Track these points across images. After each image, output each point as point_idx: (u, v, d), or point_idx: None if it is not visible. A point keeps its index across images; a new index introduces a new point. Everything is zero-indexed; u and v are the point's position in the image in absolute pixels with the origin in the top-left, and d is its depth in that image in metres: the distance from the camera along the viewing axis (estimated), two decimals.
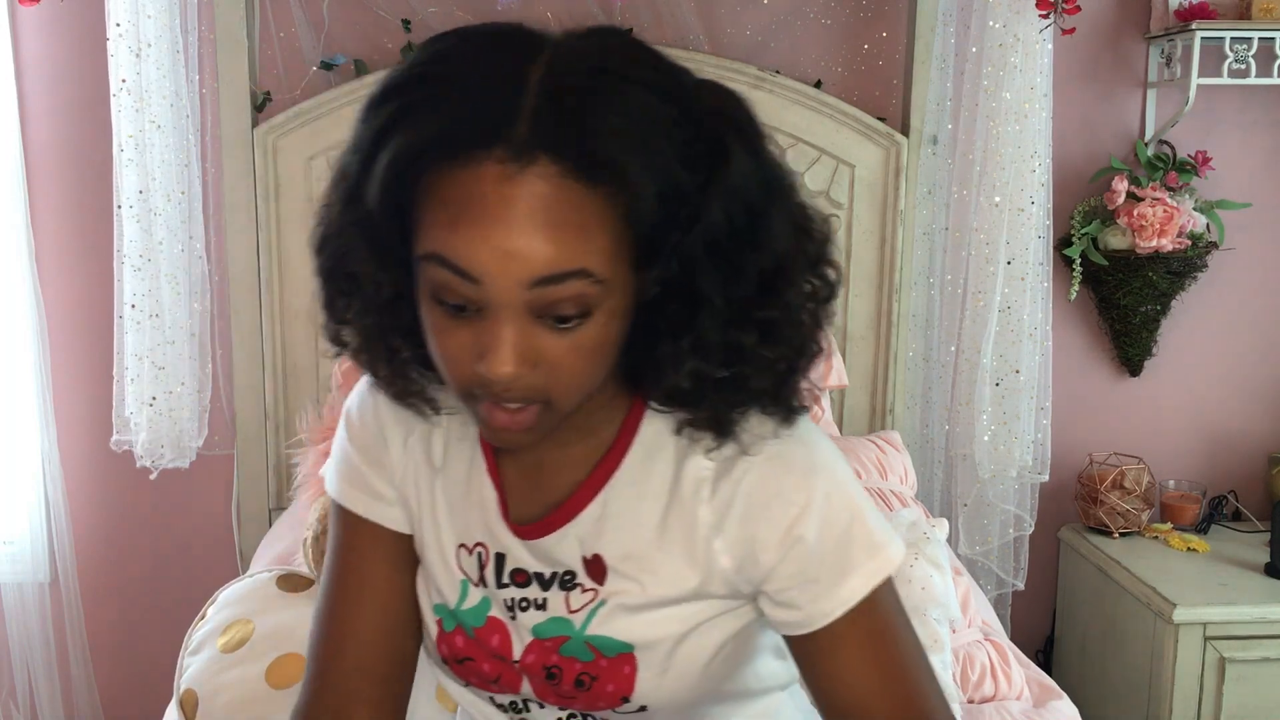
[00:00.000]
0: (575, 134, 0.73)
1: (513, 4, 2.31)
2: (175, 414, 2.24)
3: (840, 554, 0.88)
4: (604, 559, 0.91)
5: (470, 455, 0.95)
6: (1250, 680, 2.18)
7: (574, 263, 0.74)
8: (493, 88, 0.74)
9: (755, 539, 0.88)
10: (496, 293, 0.75)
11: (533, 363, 0.77)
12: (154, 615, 2.53)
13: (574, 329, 0.77)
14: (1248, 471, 2.66)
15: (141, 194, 2.17)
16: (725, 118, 0.79)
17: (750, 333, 0.81)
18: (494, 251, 0.73)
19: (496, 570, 0.94)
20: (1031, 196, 2.24)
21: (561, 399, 0.80)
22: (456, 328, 0.78)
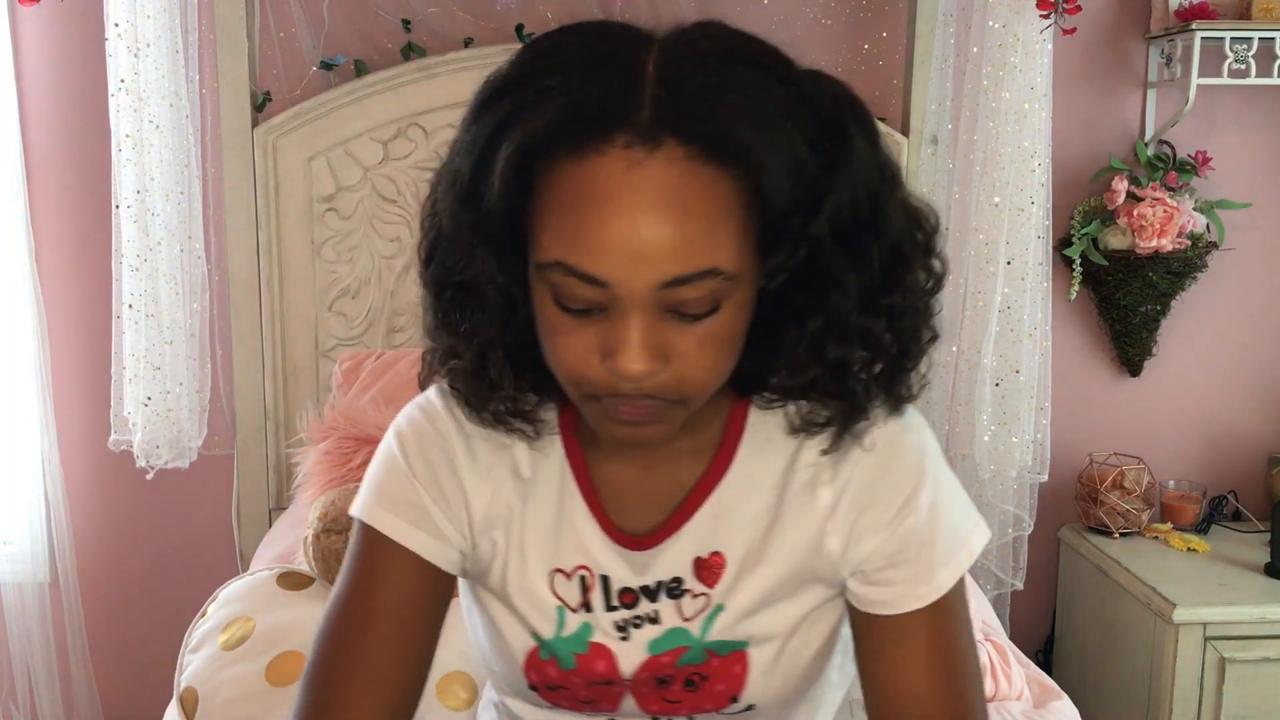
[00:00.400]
0: (701, 114, 0.71)
1: (512, 4, 2.31)
2: (174, 414, 2.24)
3: (942, 540, 0.89)
4: (724, 555, 0.90)
5: (559, 477, 0.92)
6: (1250, 680, 2.18)
7: (704, 262, 0.72)
8: (610, 75, 0.72)
9: (866, 520, 0.89)
10: (625, 293, 0.73)
11: (663, 358, 0.75)
12: (154, 615, 2.53)
13: (703, 321, 0.75)
14: (1248, 471, 2.66)
15: (140, 194, 2.17)
16: (841, 102, 0.77)
17: (879, 318, 0.81)
18: (622, 253, 0.71)
19: (604, 593, 0.91)
20: (1031, 196, 2.24)
21: (692, 394, 0.79)
22: (579, 328, 0.76)
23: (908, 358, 0.85)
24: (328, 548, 1.70)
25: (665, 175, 0.71)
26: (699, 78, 0.72)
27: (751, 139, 0.71)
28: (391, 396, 2.12)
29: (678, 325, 0.75)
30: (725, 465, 0.90)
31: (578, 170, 0.72)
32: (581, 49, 0.74)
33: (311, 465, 2.06)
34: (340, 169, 2.31)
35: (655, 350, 0.75)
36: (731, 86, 0.72)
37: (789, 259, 0.76)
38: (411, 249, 2.32)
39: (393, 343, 2.36)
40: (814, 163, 0.74)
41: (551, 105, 0.72)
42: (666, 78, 0.72)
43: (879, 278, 0.80)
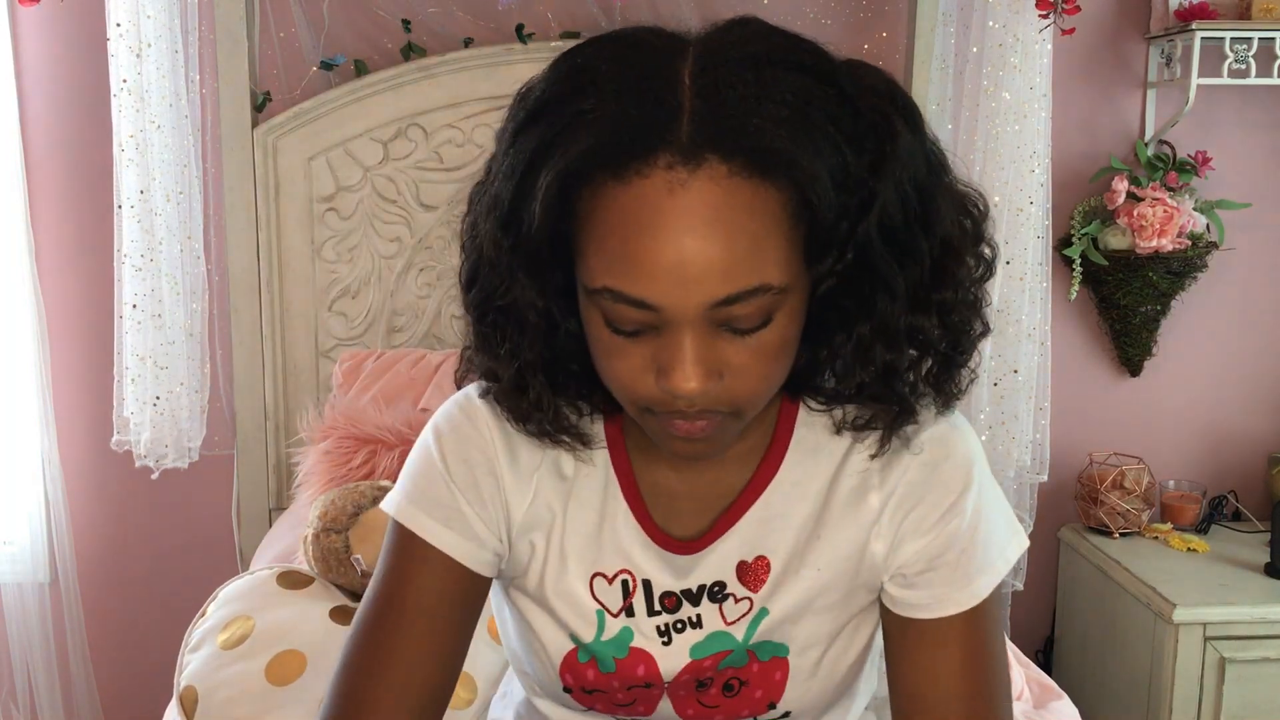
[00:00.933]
0: (741, 128, 0.69)
1: (512, 4, 2.32)
2: (175, 414, 2.24)
3: (982, 547, 0.88)
4: (769, 559, 0.90)
5: (603, 480, 0.91)
6: (1250, 680, 2.18)
7: (752, 279, 0.71)
8: (648, 91, 0.71)
9: (910, 522, 0.88)
10: (676, 315, 0.72)
11: (717, 374, 0.75)
12: (154, 615, 2.53)
13: (756, 335, 0.75)
14: (1248, 471, 2.66)
15: (143, 194, 2.17)
16: (883, 95, 0.76)
17: (930, 315, 0.79)
18: (669, 277, 0.70)
19: (646, 598, 0.91)
20: (1031, 197, 2.24)
21: (747, 405, 0.78)
22: (632, 348, 0.75)
23: (958, 353, 0.84)
24: (327, 547, 1.70)
25: (709, 195, 0.69)
26: (737, 88, 0.70)
27: (794, 149, 0.70)
28: (392, 396, 2.12)
29: (730, 339, 0.74)
30: (773, 470, 0.90)
31: (621, 193, 0.71)
32: (616, 63, 0.73)
33: (311, 465, 2.06)
34: (340, 169, 2.31)
35: (708, 367, 0.74)
36: (770, 94, 0.70)
37: (837, 263, 0.75)
38: (411, 248, 2.33)
39: (393, 343, 2.36)
40: (859, 164, 0.73)
41: (590, 128, 0.71)
42: (703, 89, 0.71)
43: (929, 274, 0.78)
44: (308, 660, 1.54)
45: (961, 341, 0.83)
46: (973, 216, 0.82)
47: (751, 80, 0.71)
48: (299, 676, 1.52)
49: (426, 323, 2.37)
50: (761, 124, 0.69)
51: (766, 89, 0.70)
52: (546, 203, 0.73)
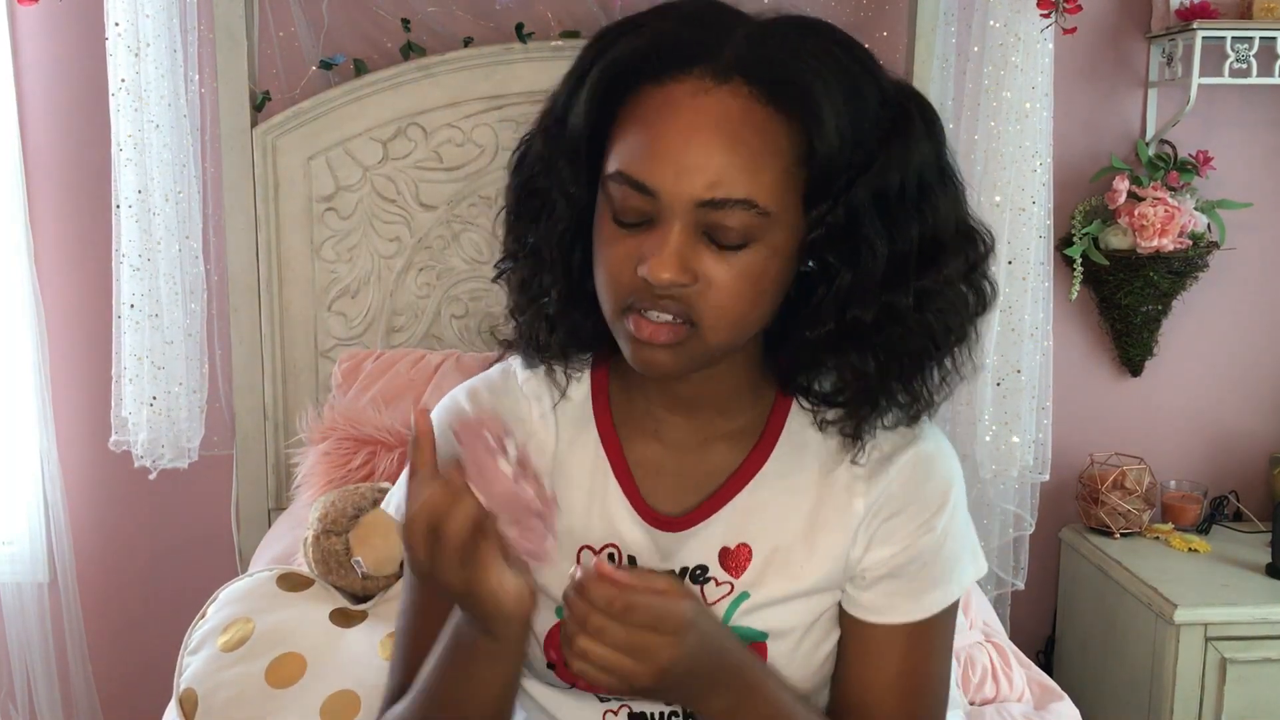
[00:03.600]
0: (772, 61, 0.79)
1: (512, 3, 2.31)
2: (173, 414, 2.24)
3: (942, 567, 0.92)
4: (751, 548, 0.93)
5: (593, 457, 0.95)
6: (1251, 681, 2.18)
7: (742, 190, 0.78)
8: (706, 21, 0.81)
9: (885, 530, 0.92)
10: (668, 204, 0.79)
11: (691, 275, 0.80)
12: (153, 615, 2.53)
13: (736, 253, 0.80)
14: (1249, 472, 2.66)
15: (141, 194, 2.16)
16: (910, 96, 0.85)
17: (906, 295, 0.84)
18: (670, 165, 0.79)
19: None
20: (1032, 196, 2.23)
21: (711, 323, 0.82)
22: (626, 238, 0.82)
23: (929, 353, 0.88)
24: (327, 549, 1.70)
25: (726, 106, 0.79)
26: (784, 38, 0.81)
27: (812, 90, 0.78)
28: (391, 397, 2.12)
29: (712, 251, 0.80)
30: (762, 459, 0.93)
31: (654, 94, 0.80)
32: (696, 7, 0.83)
33: (311, 466, 2.06)
34: (340, 169, 2.30)
35: (684, 262, 0.80)
36: (808, 49, 0.80)
37: (829, 213, 0.81)
38: (411, 248, 2.33)
39: (392, 343, 2.36)
40: (870, 132, 0.80)
41: (643, 37, 0.81)
42: (754, 31, 0.81)
43: (914, 259, 0.83)
44: (308, 663, 1.53)
45: (935, 341, 0.87)
46: (975, 245, 0.88)
47: (796, 37, 0.81)
48: (299, 679, 1.52)
49: (426, 323, 2.36)
50: (791, 64, 0.79)
51: (807, 46, 0.80)
52: (590, 94, 0.82)
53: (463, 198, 2.32)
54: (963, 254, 0.87)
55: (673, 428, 0.94)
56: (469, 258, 2.33)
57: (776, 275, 0.83)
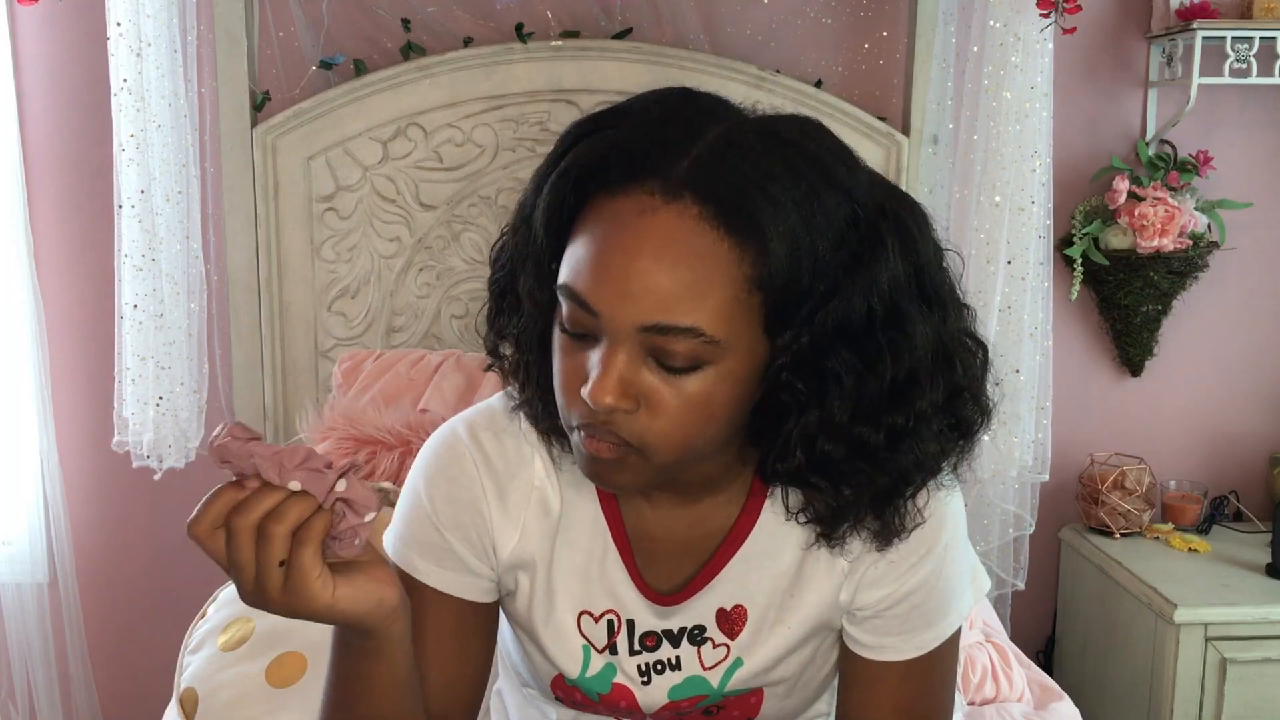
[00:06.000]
0: (724, 182, 0.74)
1: (512, 3, 2.31)
2: (174, 414, 2.24)
3: (936, 605, 0.92)
4: (746, 609, 0.93)
5: (593, 523, 0.93)
6: (1252, 681, 2.18)
7: (686, 318, 0.74)
8: (669, 132, 0.77)
9: (873, 574, 0.92)
10: (611, 327, 0.76)
11: (634, 399, 0.77)
12: (153, 615, 2.53)
13: (683, 378, 0.77)
14: (1249, 472, 2.66)
15: (143, 194, 2.16)
16: (891, 217, 0.79)
17: (876, 432, 0.80)
18: (612, 289, 0.75)
19: (629, 637, 0.94)
20: (1032, 196, 2.23)
21: (658, 448, 0.79)
22: (576, 351, 0.79)
23: (902, 484, 0.84)
24: None
25: (671, 227, 0.74)
26: (744, 155, 0.75)
27: (761, 213, 0.73)
28: (391, 397, 2.12)
29: (659, 374, 0.77)
30: (751, 521, 0.92)
31: (606, 206, 0.76)
32: (661, 104, 0.79)
33: None
34: (339, 169, 2.30)
35: (626, 387, 0.76)
36: (769, 169, 0.75)
37: (791, 343, 0.77)
38: (411, 248, 2.33)
39: (392, 343, 2.36)
40: (835, 256, 0.75)
41: (605, 145, 0.77)
42: (716, 146, 0.75)
43: (886, 392, 0.79)
44: (308, 662, 1.53)
45: (906, 477, 0.83)
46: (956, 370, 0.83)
47: (761, 153, 0.76)
48: (299, 678, 1.52)
49: (426, 323, 2.36)
50: (744, 186, 0.74)
51: (770, 164, 0.75)
52: (549, 201, 0.78)
53: (463, 198, 2.32)
54: (941, 383, 0.82)
55: (662, 498, 0.93)
56: (469, 258, 2.33)
57: (730, 399, 0.79)
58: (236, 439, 0.74)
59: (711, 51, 2.37)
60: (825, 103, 2.31)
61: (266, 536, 0.73)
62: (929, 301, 0.80)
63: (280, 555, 0.73)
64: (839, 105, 2.32)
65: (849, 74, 2.45)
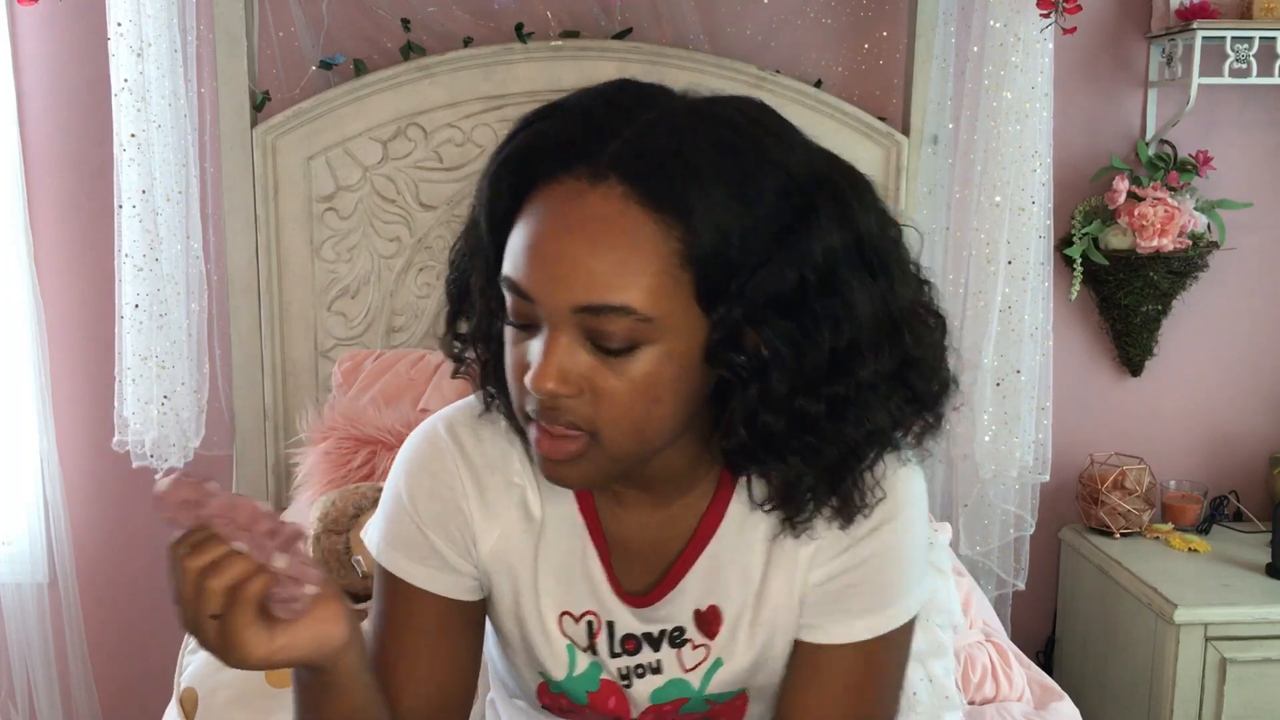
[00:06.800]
0: (650, 162, 0.75)
1: (511, 3, 2.31)
2: (176, 414, 2.24)
3: (887, 583, 0.89)
4: (720, 610, 0.92)
5: (572, 523, 0.93)
6: (1251, 681, 2.18)
7: (616, 296, 0.75)
8: (600, 118, 0.77)
9: (831, 552, 0.90)
10: (547, 312, 0.76)
11: (577, 385, 0.77)
12: (153, 615, 2.53)
13: (623, 360, 0.77)
14: (1249, 472, 2.66)
15: (145, 194, 2.16)
16: (828, 187, 0.78)
17: (817, 402, 0.79)
18: (544, 273, 0.76)
19: (609, 639, 0.93)
20: (1032, 196, 2.23)
21: (609, 433, 0.78)
22: (521, 341, 0.79)
23: (853, 458, 0.83)
24: (328, 549, 1.70)
25: (598, 208, 0.75)
26: (675, 136, 0.76)
27: (686, 190, 0.74)
28: (391, 397, 2.12)
29: (600, 357, 0.77)
30: (716, 521, 0.91)
31: (541, 195, 0.77)
32: (597, 96, 0.79)
33: (311, 466, 2.06)
34: (339, 169, 2.30)
35: (566, 372, 0.77)
36: (695, 144, 0.75)
37: (725, 317, 0.77)
38: (411, 248, 2.33)
39: (392, 343, 2.36)
40: (766, 232, 0.75)
41: (537, 135, 0.78)
42: (644, 128, 0.76)
43: (826, 362, 0.78)
44: None
45: (855, 450, 0.82)
46: (908, 339, 0.81)
47: (687, 130, 0.76)
48: None
49: (426, 323, 2.36)
50: (668, 163, 0.75)
51: (695, 141, 0.76)
52: (488, 194, 0.80)
53: (463, 198, 2.32)
54: (887, 352, 0.80)
55: (633, 498, 0.92)
56: None
57: (675, 380, 0.78)
58: (184, 490, 0.74)
59: (711, 51, 2.37)
60: (825, 103, 2.32)
61: (201, 590, 0.73)
62: (872, 271, 0.79)
63: (213, 609, 0.73)
64: (839, 105, 2.32)
65: (849, 74, 2.45)
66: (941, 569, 1.73)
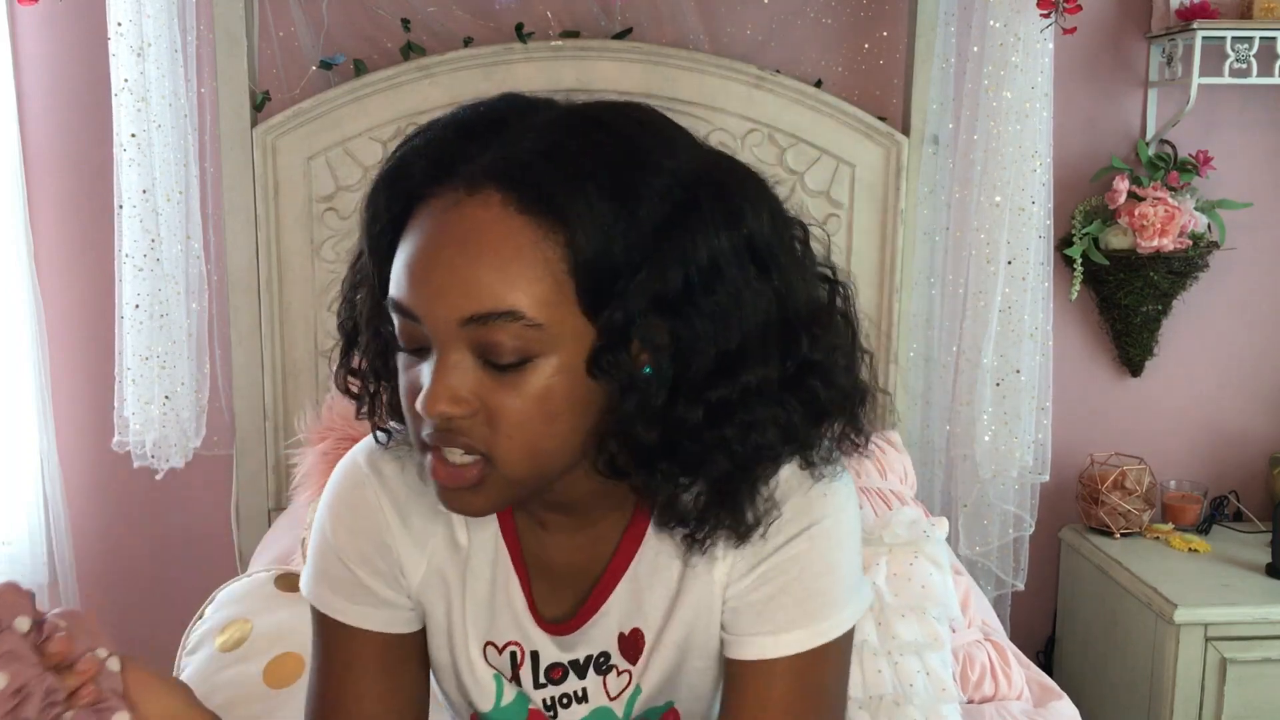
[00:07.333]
0: (523, 168, 0.73)
1: (511, 3, 2.31)
2: (176, 414, 2.24)
3: (812, 593, 0.85)
4: (643, 632, 0.89)
5: (494, 551, 0.91)
6: (1251, 681, 2.18)
7: (503, 302, 0.72)
8: (473, 131, 0.76)
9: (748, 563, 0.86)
10: (434, 330, 0.74)
11: (469, 405, 0.74)
12: (152, 616, 2.53)
13: (516, 375, 0.74)
14: (1249, 472, 2.66)
15: (145, 194, 2.16)
16: (712, 186, 0.76)
17: (695, 408, 0.76)
18: (426, 288, 0.73)
19: (534, 670, 0.91)
20: (1032, 196, 2.23)
21: (505, 455, 0.75)
22: (412, 368, 0.77)
23: (743, 470, 0.79)
24: None
25: (475, 218, 0.73)
26: (546, 139, 0.74)
27: (562, 194, 0.72)
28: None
29: (492, 375, 0.74)
30: (636, 540, 0.89)
31: (418, 211, 0.75)
32: (474, 109, 0.78)
33: (310, 466, 2.06)
34: (339, 168, 2.30)
35: (460, 393, 0.74)
36: (571, 149, 0.74)
37: (608, 321, 0.74)
38: None
39: None
40: (645, 232, 0.73)
41: (412, 152, 0.77)
42: (518, 137, 0.75)
43: (711, 366, 0.75)
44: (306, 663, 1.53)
45: (739, 462, 0.78)
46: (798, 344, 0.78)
47: (564, 135, 0.75)
48: (297, 679, 1.52)
49: None
50: (543, 169, 0.73)
51: (571, 146, 0.74)
52: (366, 217, 0.78)
53: None
54: (776, 355, 0.77)
55: (554, 523, 0.90)
56: None
57: (569, 394, 0.75)
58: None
59: (711, 51, 2.37)
60: (825, 103, 2.31)
61: None
62: (765, 270, 0.76)
63: None
64: (839, 105, 2.32)
65: (849, 74, 2.45)
66: (939, 563, 1.73)
